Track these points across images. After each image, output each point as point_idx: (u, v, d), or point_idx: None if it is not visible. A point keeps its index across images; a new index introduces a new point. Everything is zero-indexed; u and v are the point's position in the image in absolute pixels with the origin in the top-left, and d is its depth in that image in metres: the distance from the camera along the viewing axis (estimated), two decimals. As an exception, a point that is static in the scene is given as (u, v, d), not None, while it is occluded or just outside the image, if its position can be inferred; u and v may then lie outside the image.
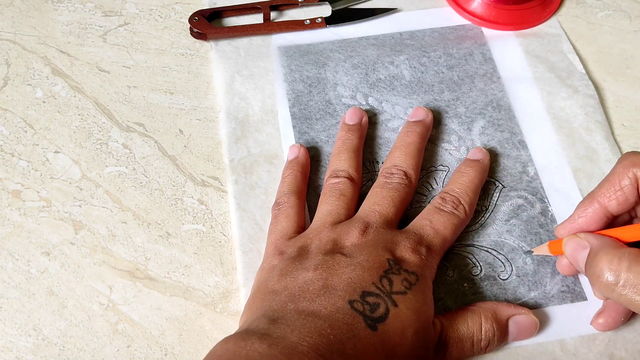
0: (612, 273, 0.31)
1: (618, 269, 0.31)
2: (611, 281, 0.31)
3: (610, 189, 0.34)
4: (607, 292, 0.32)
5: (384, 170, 0.41)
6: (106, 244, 0.41)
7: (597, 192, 0.35)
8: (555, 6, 0.52)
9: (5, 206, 0.42)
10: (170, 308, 0.39)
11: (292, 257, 0.36)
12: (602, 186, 0.35)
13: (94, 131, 0.46)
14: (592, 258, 0.33)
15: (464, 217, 0.39)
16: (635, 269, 0.30)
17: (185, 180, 0.44)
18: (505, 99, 0.47)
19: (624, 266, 0.31)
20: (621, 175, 0.34)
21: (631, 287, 0.30)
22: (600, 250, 0.32)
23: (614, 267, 0.31)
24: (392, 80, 0.48)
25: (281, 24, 0.50)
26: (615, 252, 0.32)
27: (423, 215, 0.38)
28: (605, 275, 0.31)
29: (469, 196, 0.39)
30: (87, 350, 0.37)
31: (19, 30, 0.51)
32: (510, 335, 0.36)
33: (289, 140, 0.45)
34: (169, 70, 0.49)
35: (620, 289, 0.31)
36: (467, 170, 0.41)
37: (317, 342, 0.30)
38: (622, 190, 0.34)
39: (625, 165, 0.34)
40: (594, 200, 0.35)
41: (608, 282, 0.31)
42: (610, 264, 0.31)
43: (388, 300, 0.33)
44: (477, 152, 0.42)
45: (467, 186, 0.40)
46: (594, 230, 0.35)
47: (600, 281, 0.32)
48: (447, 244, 0.38)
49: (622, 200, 0.34)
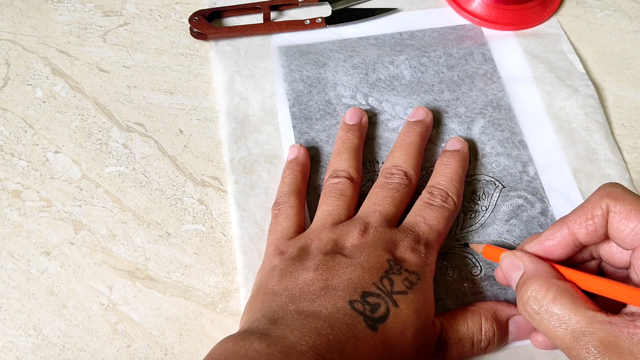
0: (537, 303, 0.31)
1: (542, 301, 0.31)
2: (534, 310, 0.31)
3: (582, 216, 0.33)
4: (531, 318, 0.31)
5: (384, 171, 0.41)
6: (106, 244, 0.41)
7: (569, 218, 0.34)
8: (555, 6, 0.52)
9: (5, 206, 0.42)
10: (170, 308, 0.39)
11: (292, 258, 0.36)
12: (575, 212, 0.33)
13: (94, 131, 0.46)
14: (523, 282, 0.32)
15: (454, 209, 0.39)
16: (558, 302, 0.30)
17: (185, 180, 0.44)
18: (505, 99, 0.47)
19: (549, 298, 0.31)
20: (595, 204, 0.32)
21: (551, 318, 0.30)
22: (531, 275, 0.32)
23: (539, 298, 0.31)
24: (392, 80, 0.48)
25: (281, 24, 0.50)
26: (544, 282, 0.31)
27: (415, 212, 0.38)
28: (531, 303, 0.31)
29: (455, 187, 0.40)
30: (87, 350, 0.37)
31: (19, 30, 0.51)
32: (511, 335, 0.36)
33: (289, 140, 0.45)
34: (169, 70, 0.49)
35: (541, 317, 0.31)
36: (449, 161, 0.41)
37: (316, 342, 0.30)
38: (593, 219, 0.32)
39: (601, 194, 0.32)
40: (564, 225, 0.34)
41: (532, 311, 0.31)
42: (536, 294, 0.31)
43: (389, 300, 0.33)
44: (456, 142, 0.43)
45: (451, 177, 0.40)
46: (559, 256, 0.34)
47: (525, 307, 0.32)
48: (442, 237, 0.38)
49: (591, 230, 0.33)
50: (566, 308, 0.30)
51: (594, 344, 0.29)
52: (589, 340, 0.29)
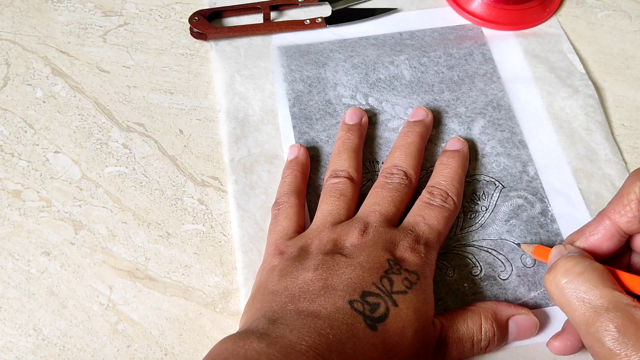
0: (565, 274, 0.31)
1: (569, 273, 0.31)
2: (560, 281, 0.31)
3: (619, 204, 0.33)
4: (553, 292, 0.31)
5: (384, 171, 0.41)
6: (106, 244, 0.41)
7: (607, 209, 0.34)
8: (555, 6, 0.52)
9: (5, 206, 0.42)
10: (170, 308, 0.39)
11: (292, 257, 0.36)
12: (612, 202, 0.33)
13: (94, 131, 0.46)
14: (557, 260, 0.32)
15: (454, 209, 0.39)
16: (587, 275, 0.30)
17: (185, 180, 0.44)
18: (505, 98, 0.47)
19: (577, 271, 0.31)
20: (628, 189, 0.32)
21: (574, 290, 0.30)
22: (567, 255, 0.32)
23: (568, 269, 0.31)
24: (392, 80, 0.48)
25: (281, 24, 0.50)
26: (577, 257, 0.31)
27: (415, 212, 0.38)
28: (558, 276, 0.31)
29: (455, 187, 0.40)
30: (87, 350, 0.37)
31: (19, 30, 0.51)
32: (511, 335, 0.36)
33: (289, 140, 0.45)
34: (169, 70, 0.49)
35: (565, 289, 0.31)
36: (449, 161, 0.41)
37: (316, 341, 0.30)
38: (630, 204, 0.32)
39: (633, 179, 0.32)
40: (604, 217, 0.33)
41: (558, 281, 0.31)
42: (566, 264, 0.31)
43: (388, 300, 0.33)
44: (456, 142, 0.43)
45: (451, 177, 0.40)
46: (607, 249, 0.34)
47: (551, 282, 0.32)
48: (442, 237, 0.38)
49: (630, 216, 0.33)
50: (592, 283, 0.30)
51: (615, 324, 0.28)
52: (611, 318, 0.29)
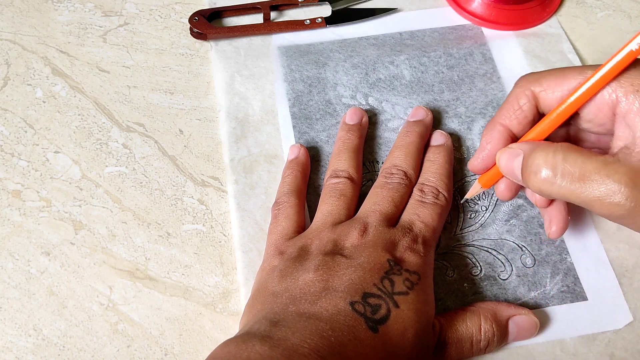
0: (549, 166, 0.31)
1: (554, 162, 0.31)
2: (549, 175, 0.31)
3: (509, 110, 0.35)
4: (547, 187, 0.32)
5: (383, 171, 0.41)
6: (106, 244, 0.41)
7: (498, 116, 0.36)
8: (555, 6, 0.52)
9: (5, 206, 0.42)
10: (170, 308, 0.39)
11: (292, 258, 0.36)
12: (502, 109, 0.36)
13: (94, 131, 0.46)
14: (527, 159, 0.33)
15: (446, 204, 0.39)
16: (569, 158, 0.31)
17: (185, 180, 0.44)
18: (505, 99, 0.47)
19: (559, 158, 0.31)
20: (519, 95, 0.35)
21: (569, 176, 0.31)
22: (533, 150, 0.33)
23: (549, 161, 0.31)
24: (392, 80, 0.48)
25: (281, 24, 0.50)
26: (548, 148, 0.32)
27: (409, 211, 0.38)
28: (542, 170, 0.32)
29: (444, 182, 0.40)
30: (87, 350, 0.37)
31: (19, 30, 0.51)
32: (510, 335, 0.36)
33: (289, 140, 0.45)
34: (169, 70, 0.49)
35: (559, 180, 0.31)
36: (435, 157, 0.41)
37: (318, 344, 0.30)
38: (521, 108, 0.35)
39: (522, 85, 0.35)
40: (497, 124, 0.36)
41: (547, 176, 0.31)
42: (545, 159, 0.32)
43: (390, 301, 0.33)
44: (439, 137, 0.43)
45: (440, 173, 0.40)
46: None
47: (538, 178, 0.32)
48: (437, 233, 0.38)
49: (522, 118, 0.35)
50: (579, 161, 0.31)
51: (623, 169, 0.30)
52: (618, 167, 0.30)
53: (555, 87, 0.34)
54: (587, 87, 0.32)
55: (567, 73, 0.34)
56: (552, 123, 0.34)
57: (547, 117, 0.34)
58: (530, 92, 0.35)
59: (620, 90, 0.32)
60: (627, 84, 0.31)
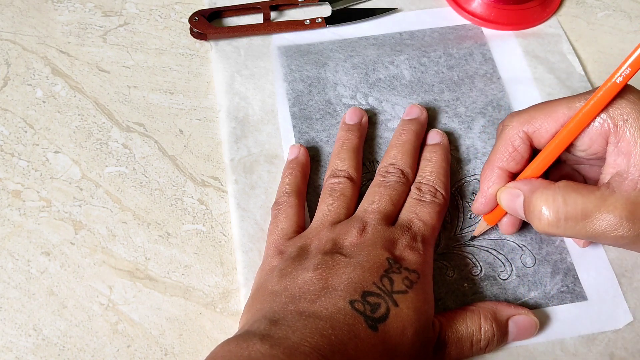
0: (551, 211, 0.33)
1: (555, 206, 0.33)
2: (553, 220, 0.33)
3: (505, 153, 0.36)
4: (553, 230, 0.33)
5: (381, 169, 0.41)
6: (106, 244, 0.41)
7: (494, 160, 0.37)
8: (555, 6, 0.52)
9: (5, 206, 0.42)
10: (170, 308, 0.39)
11: (291, 258, 0.36)
12: (497, 152, 0.37)
13: (94, 131, 0.46)
14: (528, 202, 0.34)
15: (444, 203, 0.39)
16: (570, 200, 0.32)
17: (185, 180, 0.44)
18: (505, 99, 0.47)
19: (560, 202, 0.33)
20: (513, 137, 0.36)
21: (572, 219, 0.32)
22: (532, 193, 0.34)
23: (551, 205, 0.33)
24: (392, 80, 0.48)
25: (281, 24, 0.50)
26: (548, 190, 0.33)
27: (407, 210, 0.39)
28: (545, 215, 0.33)
29: (442, 181, 0.40)
30: (87, 350, 0.37)
31: (19, 30, 0.51)
32: (510, 335, 0.36)
33: (289, 140, 0.45)
34: (169, 70, 0.49)
35: (564, 223, 0.33)
36: (432, 156, 0.42)
37: (318, 342, 0.30)
38: (517, 150, 0.36)
39: (514, 126, 0.36)
40: (495, 167, 0.37)
41: (551, 221, 0.33)
42: (546, 203, 0.33)
43: (389, 299, 0.33)
44: (435, 136, 0.43)
45: (437, 171, 0.41)
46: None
47: (542, 223, 0.33)
48: (435, 232, 0.38)
49: (519, 159, 0.36)
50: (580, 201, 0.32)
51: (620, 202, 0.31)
52: (615, 201, 0.31)
53: (547, 126, 0.35)
54: (576, 121, 0.33)
55: (556, 109, 0.35)
56: (547, 160, 0.35)
57: (542, 155, 0.35)
58: (523, 133, 0.36)
59: (609, 120, 0.33)
60: (616, 114, 0.33)
